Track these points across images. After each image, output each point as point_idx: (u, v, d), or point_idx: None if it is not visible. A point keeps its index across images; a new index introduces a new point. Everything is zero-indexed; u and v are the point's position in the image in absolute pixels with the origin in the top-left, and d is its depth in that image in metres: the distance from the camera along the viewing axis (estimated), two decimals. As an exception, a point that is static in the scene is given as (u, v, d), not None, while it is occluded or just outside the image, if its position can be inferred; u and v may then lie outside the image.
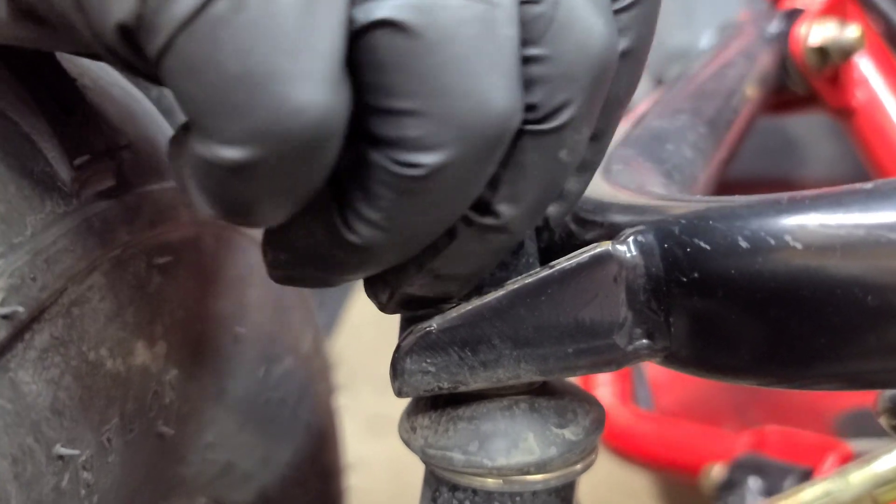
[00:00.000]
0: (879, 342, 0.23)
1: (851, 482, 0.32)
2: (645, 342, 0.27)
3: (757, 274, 0.24)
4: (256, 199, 0.22)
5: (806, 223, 0.24)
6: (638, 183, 0.38)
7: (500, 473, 0.29)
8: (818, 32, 0.68)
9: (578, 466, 0.30)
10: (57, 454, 0.30)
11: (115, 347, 0.32)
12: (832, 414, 0.78)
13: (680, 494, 0.98)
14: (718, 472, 0.65)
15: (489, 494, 0.30)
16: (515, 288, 0.27)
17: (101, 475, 0.32)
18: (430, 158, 0.22)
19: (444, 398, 0.31)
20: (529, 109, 0.23)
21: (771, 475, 0.62)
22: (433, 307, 0.28)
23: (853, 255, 0.23)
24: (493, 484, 0.30)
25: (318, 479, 0.53)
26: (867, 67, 0.70)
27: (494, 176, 0.24)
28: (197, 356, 0.38)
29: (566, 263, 0.27)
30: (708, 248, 0.25)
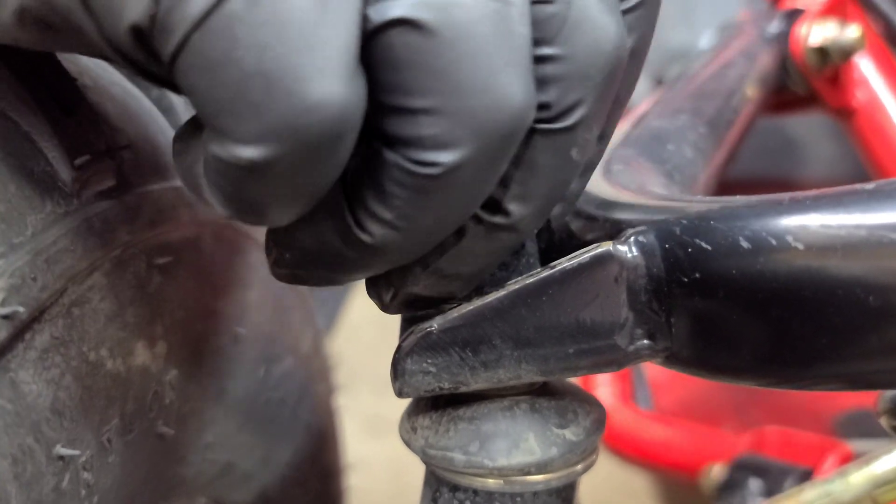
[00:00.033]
0: (881, 343, 0.23)
1: (851, 483, 0.32)
2: (646, 343, 0.27)
3: (758, 274, 0.24)
4: (271, 198, 0.22)
5: (807, 223, 0.24)
6: (638, 183, 0.38)
7: (500, 474, 0.29)
8: (818, 32, 0.68)
9: (579, 467, 0.30)
10: (57, 454, 0.30)
11: (115, 347, 0.32)
12: (831, 414, 0.78)
13: (680, 495, 0.98)
14: (718, 472, 0.65)
15: (490, 495, 0.30)
16: (516, 288, 0.27)
17: (101, 475, 0.32)
18: (446, 157, 0.22)
19: (444, 398, 0.31)
20: (542, 108, 0.23)
21: (771, 475, 0.62)
22: (435, 307, 0.28)
23: (855, 255, 0.23)
24: (493, 484, 0.30)
25: (317, 479, 0.53)
26: (867, 68, 0.70)
27: (505, 175, 0.24)
28: (197, 356, 0.38)
29: (567, 264, 0.27)
30: (709, 248, 0.25)
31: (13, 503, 0.28)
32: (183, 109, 0.43)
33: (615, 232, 0.27)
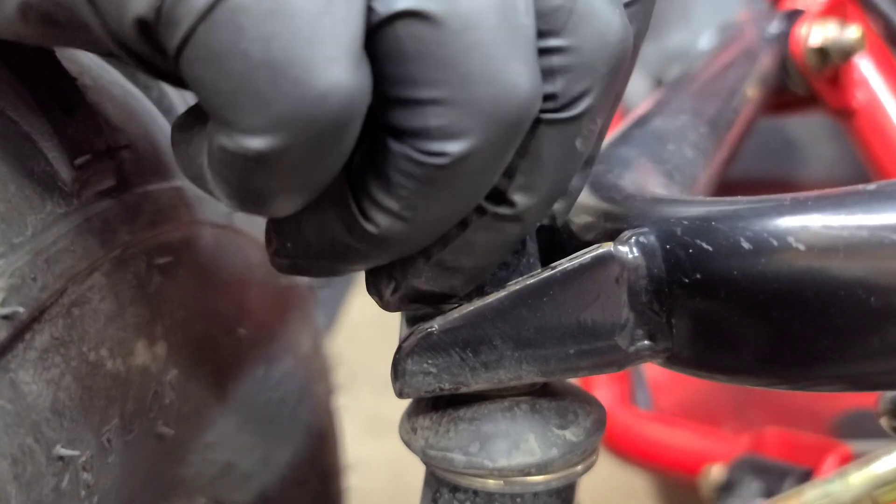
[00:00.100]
0: (882, 343, 0.23)
1: (851, 483, 0.32)
2: (647, 343, 0.27)
3: (759, 275, 0.24)
4: (277, 188, 0.22)
5: (809, 224, 0.24)
6: (639, 183, 0.38)
7: (500, 474, 0.29)
8: (818, 33, 0.68)
9: (579, 467, 0.30)
10: (57, 455, 0.30)
11: (115, 348, 0.32)
12: (831, 415, 0.78)
13: (679, 495, 0.98)
14: (718, 472, 0.65)
15: (490, 495, 0.30)
16: (517, 289, 0.27)
17: (101, 476, 0.32)
18: (454, 147, 0.22)
19: (445, 399, 0.31)
20: (548, 99, 0.24)
21: (771, 476, 0.62)
22: (435, 306, 0.28)
23: (856, 256, 0.23)
24: (493, 485, 0.30)
25: (317, 479, 0.53)
26: (867, 68, 0.70)
27: (510, 165, 0.24)
28: (197, 356, 0.38)
29: (568, 264, 0.27)
30: (710, 249, 0.25)
31: (13, 503, 0.28)
32: (183, 109, 0.43)
33: (616, 232, 0.27)
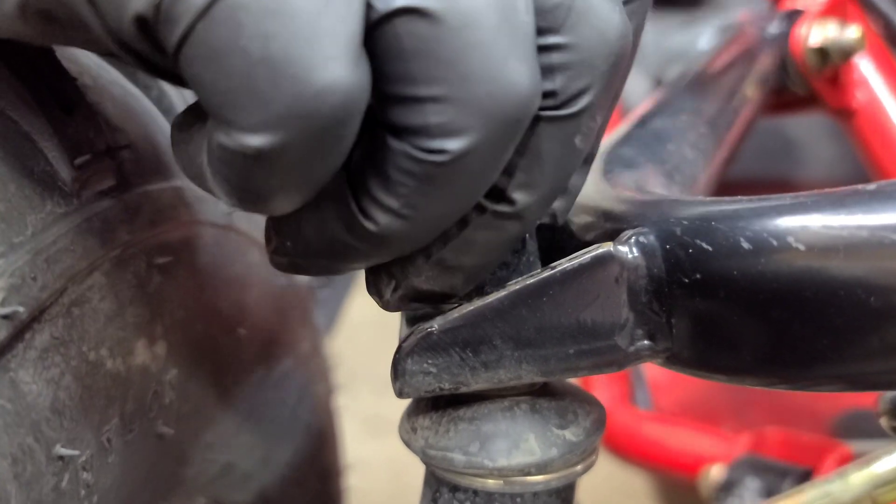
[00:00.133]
0: (882, 343, 0.23)
1: (851, 483, 0.32)
2: (646, 343, 0.27)
3: (759, 275, 0.24)
4: (277, 185, 0.22)
5: (808, 224, 0.24)
6: (639, 183, 0.38)
7: (500, 474, 0.29)
8: (818, 33, 0.68)
9: (579, 467, 0.30)
10: (57, 454, 0.30)
11: (115, 347, 0.32)
12: (831, 415, 0.79)
13: (679, 495, 0.98)
14: (718, 472, 0.65)
15: (490, 495, 0.30)
16: (517, 288, 0.27)
17: (100, 475, 0.32)
18: (454, 144, 0.22)
19: (444, 399, 0.31)
20: (548, 96, 0.24)
21: (770, 476, 0.62)
22: (435, 306, 0.28)
23: (856, 256, 0.23)
24: (493, 485, 0.30)
25: (317, 479, 0.53)
26: (867, 68, 0.70)
27: (509, 163, 0.24)
28: (197, 356, 0.38)
29: (568, 264, 0.27)
30: (710, 249, 0.25)
31: (13, 503, 0.28)
32: (183, 108, 0.43)
33: (616, 232, 0.27)
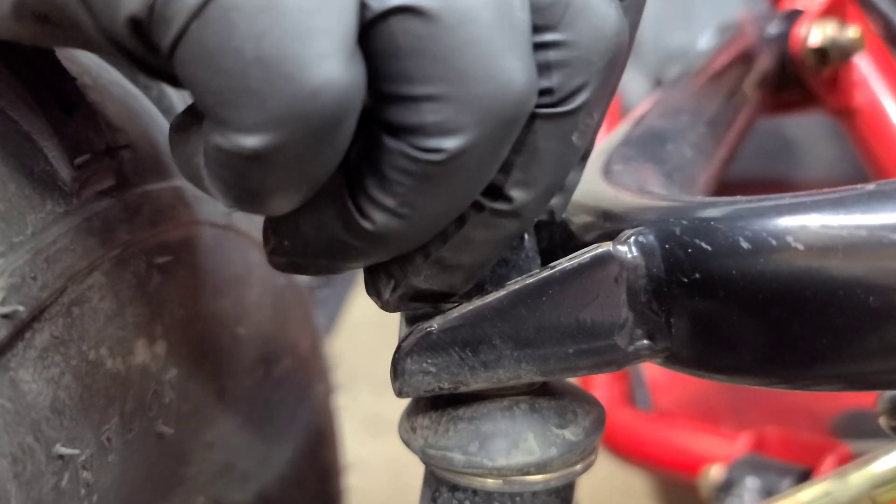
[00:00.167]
0: (881, 343, 0.23)
1: (850, 483, 0.32)
2: (646, 343, 0.27)
3: (758, 275, 0.24)
4: (273, 186, 0.22)
5: (808, 224, 0.24)
6: (638, 183, 0.38)
7: (500, 474, 0.29)
8: (818, 33, 0.68)
9: (578, 467, 0.30)
10: (57, 453, 0.30)
11: (115, 347, 0.32)
12: (830, 415, 0.79)
13: (679, 495, 0.98)
14: (717, 472, 0.65)
15: (489, 495, 0.30)
16: (516, 288, 0.27)
17: (100, 475, 0.32)
18: (450, 143, 0.22)
19: (444, 398, 0.31)
20: (544, 94, 0.24)
21: (770, 476, 0.62)
22: (434, 305, 0.28)
23: (855, 256, 0.23)
24: (493, 484, 0.30)
25: (316, 479, 0.53)
26: (867, 68, 0.70)
27: (506, 161, 0.24)
28: (197, 356, 0.38)
29: (567, 264, 0.27)
30: (709, 248, 0.25)
31: (13, 502, 0.28)
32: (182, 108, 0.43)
33: (615, 232, 0.27)
